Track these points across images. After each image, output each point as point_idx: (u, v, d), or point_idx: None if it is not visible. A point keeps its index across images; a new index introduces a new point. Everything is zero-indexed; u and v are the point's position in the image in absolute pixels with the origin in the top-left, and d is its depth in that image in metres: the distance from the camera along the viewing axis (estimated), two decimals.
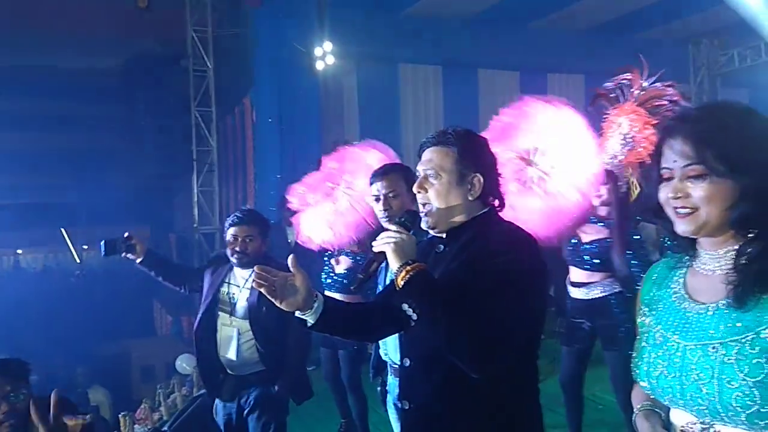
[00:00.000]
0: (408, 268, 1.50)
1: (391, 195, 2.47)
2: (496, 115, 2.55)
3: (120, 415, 4.77)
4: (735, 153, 1.06)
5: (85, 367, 7.78)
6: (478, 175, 1.65)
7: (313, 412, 4.74)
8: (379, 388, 2.73)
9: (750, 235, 1.09)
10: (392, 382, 2.54)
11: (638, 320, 1.29)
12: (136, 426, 4.54)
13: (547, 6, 8.16)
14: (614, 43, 9.08)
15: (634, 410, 1.30)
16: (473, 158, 1.66)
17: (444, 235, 1.69)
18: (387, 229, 1.63)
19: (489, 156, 1.71)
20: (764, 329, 1.04)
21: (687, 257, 1.21)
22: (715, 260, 1.14)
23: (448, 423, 1.60)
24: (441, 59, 8.39)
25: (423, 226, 1.67)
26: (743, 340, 1.05)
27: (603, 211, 3.28)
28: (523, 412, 1.64)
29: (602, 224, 3.28)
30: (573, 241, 3.36)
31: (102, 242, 3.10)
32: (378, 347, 2.66)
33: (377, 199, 2.50)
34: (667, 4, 8.01)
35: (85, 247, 15.16)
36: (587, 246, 3.32)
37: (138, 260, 3.14)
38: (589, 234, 3.33)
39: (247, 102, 8.43)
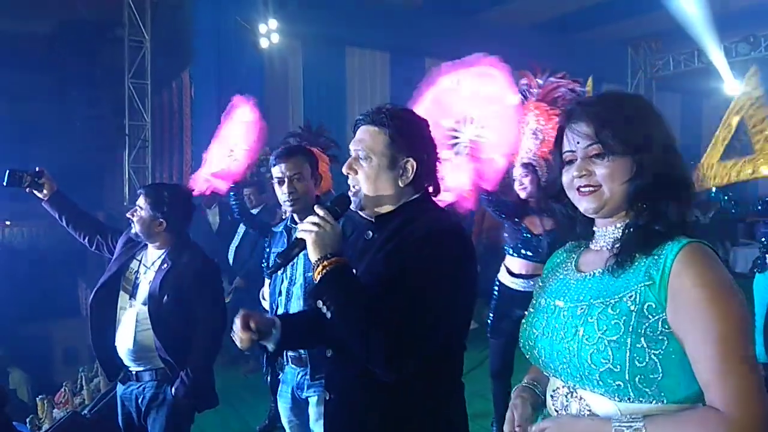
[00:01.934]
0: (325, 263, 1.42)
1: (296, 178, 2.44)
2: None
3: (38, 399, 4.51)
4: (630, 133, 1.16)
5: (4, 348, 7.36)
6: (411, 159, 1.56)
7: (244, 397, 4.63)
8: (268, 378, 2.66)
9: (639, 210, 1.17)
10: (290, 371, 2.49)
11: (534, 293, 1.37)
12: (54, 410, 4.30)
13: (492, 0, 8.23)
14: (556, 41, 9.25)
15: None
16: (407, 141, 1.56)
17: (373, 220, 1.62)
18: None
19: (426, 139, 1.61)
20: (628, 294, 1.12)
21: (584, 242, 1.30)
22: (606, 236, 1.23)
23: (366, 414, 1.54)
24: (389, 45, 8.32)
25: (351, 207, 1.59)
26: (607, 303, 1.13)
27: (533, 203, 3.43)
28: (446, 403, 1.58)
29: (546, 215, 3.35)
30: (526, 235, 3.43)
31: (6, 171, 2.74)
32: None
33: (281, 182, 2.46)
34: (608, 5, 8.21)
35: (8, 223, 14.32)
36: (541, 237, 3.40)
37: (44, 198, 2.84)
38: (538, 226, 3.42)
39: (186, 77, 8.10)
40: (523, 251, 3.44)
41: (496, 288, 3.55)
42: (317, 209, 1.50)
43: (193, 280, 2.60)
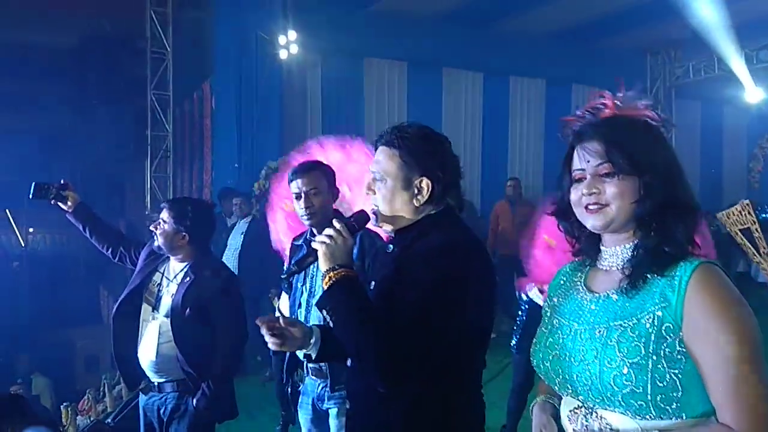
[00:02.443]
0: (332, 273, 1.46)
1: (312, 192, 2.47)
2: (458, 113, 2.67)
3: (62, 406, 4.59)
4: (640, 154, 1.19)
5: (27, 355, 7.47)
6: (424, 178, 1.57)
7: (260, 405, 4.67)
8: (288, 389, 2.67)
9: (648, 231, 1.20)
10: (310, 383, 2.52)
11: (543, 312, 1.40)
12: (78, 417, 4.37)
13: (511, 9, 8.22)
14: (575, 49, 9.24)
15: (534, 401, 1.42)
16: (419, 161, 1.57)
17: (393, 235, 1.65)
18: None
19: (440, 155, 1.61)
20: (645, 316, 1.14)
21: (590, 260, 1.33)
22: (615, 256, 1.25)
23: (384, 424, 1.56)
24: (406, 55, 8.36)
25: (370, 224, 1.64)
26: (626, 325, 1.15)
27: None
28: (461, 416, 1.59)
29: None
30: None
31: (33, 184, 2.85)
32: None
33: (298, 197, 2.49)
34: (627, 14, 8.17)
35: (31, 230, 14.57)
36: None
37: (68, 210, 2.92)
38: None
39: (207, 88, 8.22)
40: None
41: (525, 305, 3.51)
42: (335, 222, 1.54)
43: (215, 293, 2.65)
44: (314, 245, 1.53)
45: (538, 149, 9.37)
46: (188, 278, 2.68)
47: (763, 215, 4.26)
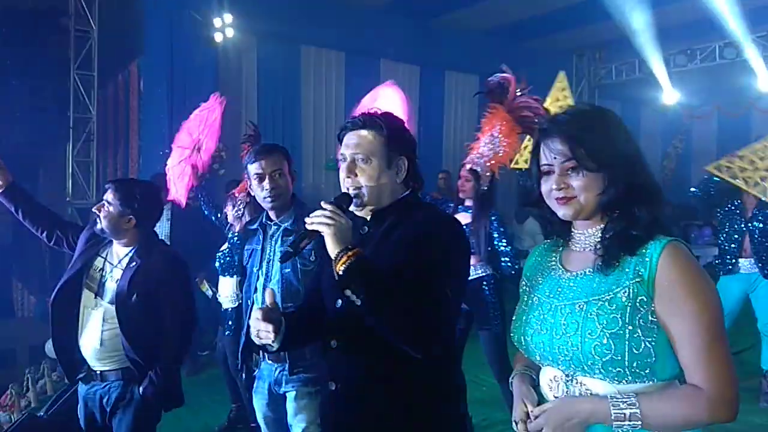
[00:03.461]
0: (349, 253, 1.48)
1: (277, 173, 2.46)
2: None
3: None
4: (600, 150, 1.28)
5: None
6: (403, 158, 1.70)
7: (201, 399, 4.57)
8: (243, 375, 2.67)
9: (614, 215, 1.31)
10: (266, 367, 2.51)
11: (520, 290, 1.50)
12: (0, 413, 4.09)
13: (449, 4, 8.35)
14: (506, 48, 9.48)
15: (513, 372, 1.52)
16: (400, 141, 1.70)
17: (368, 217, 1.70)
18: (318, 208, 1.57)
19: (411, 139, 1.75)
20: (620, 290, 1.25)
21: (562, 240, 1.44)
22: (586, 238, 1.37)
23: (379, 401, 1.60)
24: (344, 45, 8.32)
25: (353, 207, 1.66)
26: (604, 299, 1.26)
27: (469, 203, 3.85)
28: (453, 385, 1.68)
29: (468, 212, 3.83)
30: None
31: None
32: (248, 330, 2.53)
33: (261, 178, 2.47)
34: (556, 15, 8.48)
35: None
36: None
37: None
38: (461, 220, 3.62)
39: (134, 69, 7.87)
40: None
41: None
42: (325, 204, 1.56)
43: (162, 278, 2.54)
44: (314, 227, 1.52)
45: (471, 142, 9.58)
46: (134, 263, 2.56)
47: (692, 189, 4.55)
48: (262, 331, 1.61)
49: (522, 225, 7.87)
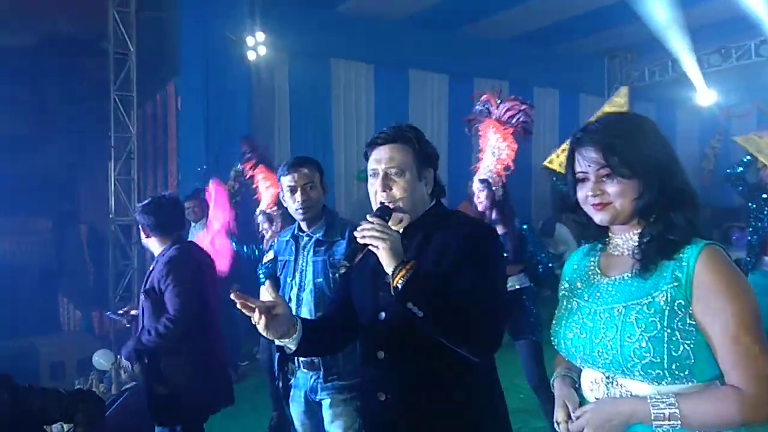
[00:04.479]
0: (407, 266, 1.50)
1: (309, 186, 2.52)
2: (424, 114, 3.13)
3: None
4: (634, 157, 1.31)
5: None
6: (431, 169, 1.75)
7: (243, 406, 4.66)
8: (279, 383, 2.71)
9: (651, 220, 1.34)
10: (302, 376, 2.56)
11: (559, 295, 1.53)
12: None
13: (475, 13, 8.40)
14: (536, 52, 9.49)
15: (554, 375, 1.55)
16: (427, 154, 1.74)
17: (401, 230, 1.70)
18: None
19: (435, 151, 1.79)
20: (658, 294, 1.28)
21: (600, 245, 1.47)
22: (624, 242, 1.40)
23: (429, 409, 1.64)
24: (373, 57, 8.42)
25: (392, 222, 1.66)
26: (642, 303, 1.29)
27: (491, 215, 3.80)
28: (490, 389, 1.72)
29: (496, 223, 3.75)
30: None
31: None
32: None
33: (293, 190, 2.52)
34: (586, 18, 8.43)
35: None
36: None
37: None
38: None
39: (171, 89, 8.11)
40: None
41: None
42: (370, 218, 1.58)
43: (157, 277, 2.93)
44: (365, 240, 1.54)
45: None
46: (152, 266, 3.08)
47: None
48: (253, 317, 1.57)
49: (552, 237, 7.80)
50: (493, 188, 3.73)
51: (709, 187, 11.39)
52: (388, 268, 1.52)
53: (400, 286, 1.49)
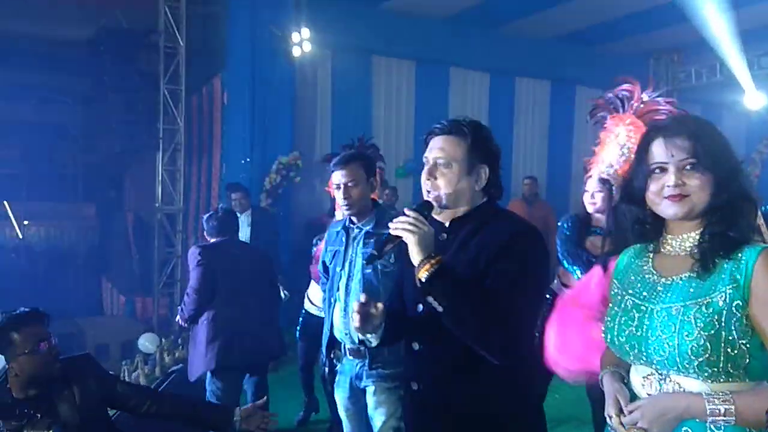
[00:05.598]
0: (432, 261, 1.55)
1: (350, 184, 2.60)
2: (464, 112, 2.82)
3: None
4: (716, 151, 1.36)
5: None
6: (485, 166, 1.74)
7: (278, 394, 4.80)
8: (325, 368, 2.80)
9: (713, 219, 1.36)
10: (348, 362, 2.64)
11: (611, 293, 1.55)
12: None
13: (517, 12, 8.34)
14: (579, 52, 9.39)
15: (601, 372, 1.57)
16: (483, 150, 1.75)
17: (447, 224, 1.76)
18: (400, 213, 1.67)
19: (495, 148, 1.79)
20: (717, 295, 1.32)
21: (652, 245, 1.48)
22: (681, 242, 1.41)
23: (460, 401, 1.69)
24: (415, 54, 8.47)
25: (433, 212, 1.72)
26: (700, 303, 1.33)
27: (599, 220, 3.45)
28: (525, 387, 1.74)
29: (599, 233, 3.44)
30: (590, 259, 3.35)
31: None
32: (332, 329, 2.71)
33: (338, 187, 2.62)
34: (631, 18, 8.31)
35: (26, 222, 14.57)
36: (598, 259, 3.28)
37: None
38: (598, 248, 3.41)
39: (217, 83, 8.30)
40: (580, 273, 3.38)
41: (549, 296, 3.43)
42: (408, 212, 1.64)
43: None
44: (397, 232, 1.60)
45: (542, 149, 9.53)
46: None
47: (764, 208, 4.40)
48: (356, 324, 1.71)
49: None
50: (613, 190, 3.36)
51: (755, 191, 11.12)
52: (415, 261, 1.58)
53: (423, 279, 1.55)
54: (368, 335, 1.77)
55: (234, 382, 3.69)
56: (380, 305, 1.73)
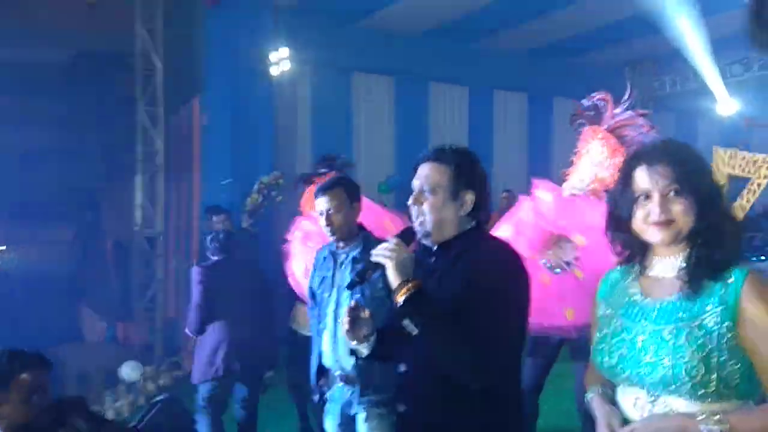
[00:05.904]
0: (409, 285, 1.58)
1: (332, 211, 2.58)
2: (444, 126, 2.72)
3: None
4: (697, 176, 1.39)
5: None
6: (470, 191, 1.76)
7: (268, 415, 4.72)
8: (315, 396, 2.75)
9: (698, 242, 1.38)
10: (338, 389, 2.60)
11: (597, 314, 1.56)
12: None
13: (494, 26, 8.47)
14: (556, 64, 9.51)
15: (588, 392, 1.58)
16: (467, 176, 1.77)
17: (434, 248, 1.78)
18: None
19: (482, 175, 1.82)
20: (708, 316, 1.34)
21: (635, 266, 1.50)
22: (667, 265, 1.43)
23: (445, 423, 1.69)
24: (394, 70, 8.52)
25: (419, 236, 1.76)
26: (692, 325, 1.35)
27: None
28: (515, 414, 1.75)
29: None
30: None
31: None
32: (321, 356, 2.68)
33: (321, 213, 2.61)
34: (607, 30, 8.46)
35: (2, 247, 14.29)
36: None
37: None
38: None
39: (196, 103, 8.25)
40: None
41: None
42: (390, 239, 1.67)
43: None
44: (377, 259, 1.63)
45: (522, 160, 9.60)
46: None
47: None
48: (346, 326, 1.73)
49: None
50: None
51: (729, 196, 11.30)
52: (393, 285, 1.60)
53: (400, 302, 1.57)
54: (359, 346, 1.77)
55: (226, 389, 3.97)
56: (368, 311, 1.76)
